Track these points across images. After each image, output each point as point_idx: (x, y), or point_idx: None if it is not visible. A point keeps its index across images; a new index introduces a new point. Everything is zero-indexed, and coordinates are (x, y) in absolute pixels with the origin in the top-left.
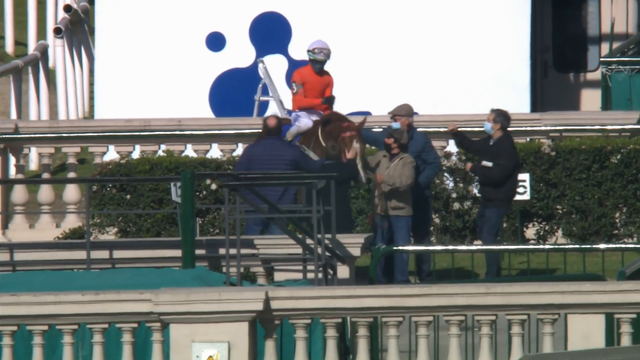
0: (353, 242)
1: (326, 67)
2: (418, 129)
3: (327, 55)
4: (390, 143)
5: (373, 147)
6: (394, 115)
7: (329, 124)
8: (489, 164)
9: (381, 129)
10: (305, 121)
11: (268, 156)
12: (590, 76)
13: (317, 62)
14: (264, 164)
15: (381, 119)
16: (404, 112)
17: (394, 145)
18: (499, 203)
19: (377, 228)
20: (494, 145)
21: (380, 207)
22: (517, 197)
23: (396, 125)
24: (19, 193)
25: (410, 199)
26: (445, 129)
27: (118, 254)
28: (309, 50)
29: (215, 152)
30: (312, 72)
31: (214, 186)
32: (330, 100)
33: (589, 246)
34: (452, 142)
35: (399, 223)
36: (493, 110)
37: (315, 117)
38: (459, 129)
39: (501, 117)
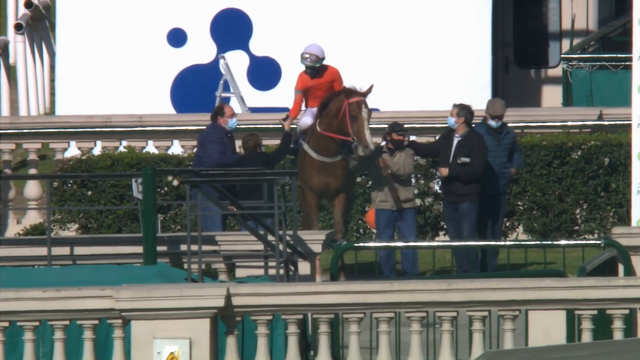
0: (314, 239)
1: (285, 65)
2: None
3: (314, 61)
4: (398, 139)
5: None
6: (488, 113)
7: (325, 109)
8: (467, 159)
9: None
10: (303, 120)
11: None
12: (551, 72)
13: (308, 68)
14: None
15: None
16: (495, 112)
17: (401, 138)
18: (473, 197)
19: (382, 225)
20: (464, 141)
21: (390, 203)
22: None
23: (492, 123)
24: None
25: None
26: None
27: (79, 250)
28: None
29: (176, 148)
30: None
31: (175, 182)
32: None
33: (549, 242)
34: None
35: (410, 215)
36: (456, 105)
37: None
38: (410, 140)
39: (464, 110)
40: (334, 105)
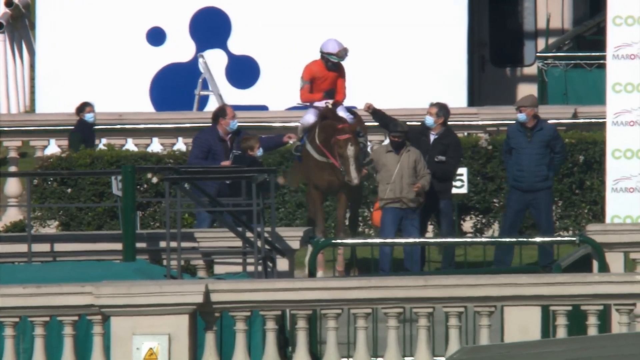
0: (292, 235)
1: (263, 63)
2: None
3: (342, 58)
4: (393, 140)
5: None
6: (520, 106)
7: (326, 119)
8: (443, 158)
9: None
10: (306, 117)
11: None
12: (527, 71)
13: (333, 62)
14: None
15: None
16: (529, 103)
17: (401, 139)
18: (449, 194)
19: (388, 223)
20: (441, 139)
21: (398, 202)
22: (455, 191)
23: (522, 116)
24: None
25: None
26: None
27: (59, 247)
28: (329, 53)
29: (155, 146)
30: (323, 68)
31: (154, 180)
32: (335, 103)
33: (525, 239)
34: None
35: (415, 214)
36: (434, 104)
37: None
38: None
39: (443, 110)
40: (329, 128)
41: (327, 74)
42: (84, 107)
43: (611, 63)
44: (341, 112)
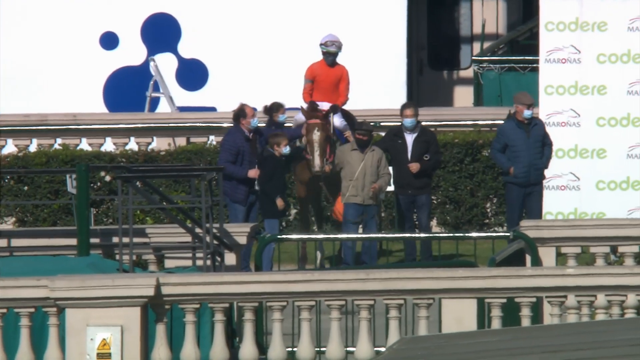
0: (240, 231)
1: (212, 65)
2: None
3: (339, 47)
4: (359, 138)
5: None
6: (524, 104)
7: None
8: (428, 156)
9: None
10: (298, 117)
11: None
12: (463, 74)
13: (330, 54)
14: None
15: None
16: (531, 100)
17: (366, 137)
18: (429, 189)
19: (350, 218)
20: (421, 137)
21: (360, 197)
22: (391, 189)
23: (529, 113)
24: None
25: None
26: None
27: (16, 242)
28: (321, 44)
29: (109, 145)
30: (323, 66)
31: (107, 178)
32: (334, 108)
33: (461, 235)
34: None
35: (374, 211)
36: (408, 106)
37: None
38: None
39: (417, 109)
40: (307, 118)
41: (328, 73)
42: (242, 112)
43: (543, 66)
44: (337, 118)
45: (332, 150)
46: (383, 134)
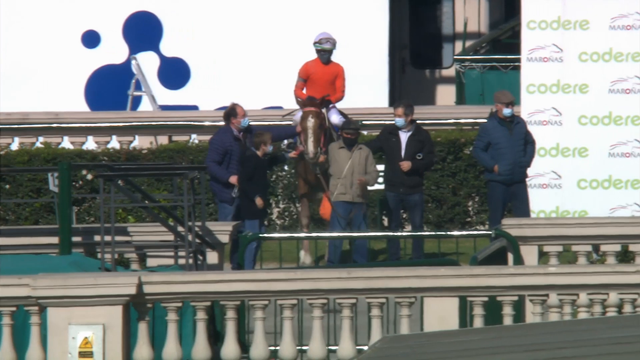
0: (222, 230)
1: (195, 63)
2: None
3: (334, 45)
4: (347, 137)
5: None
6: (504, 102)
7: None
8: (421, 155)
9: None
10: (298, 114)
11: None
12: (445, 73)
13: (325, 52)
14: None
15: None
16: (511, 98)
17: (354, 136)
18: (421, 188)
19: (338, 217)
20: (415, 136)
21: (349, 196)
22: (377, 187)
23: (509, 111)
24: None
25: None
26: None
27: None
28: (315, 43)
29: (90, 144)
30: (318, 65)
31: (89, 176)
32: (326, 102)
33: (444, 233)
34: None
35: (362, 209)
36: (400, 105)
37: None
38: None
39: (410, 108)
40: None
41: (323, 71)
42: (233, 111)
43: (525, 65)
44: (335, 115)
45: (327, 141)
46: (366, 132)
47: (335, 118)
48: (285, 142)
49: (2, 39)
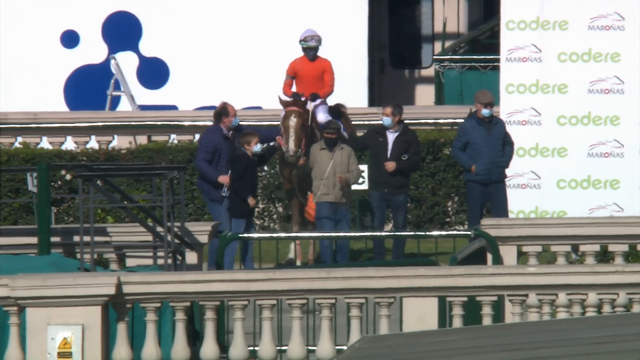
0: (201, 230)
1: (173, 61)
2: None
3: (319, 41)
4: (330, 135)
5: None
6: (483, 103)
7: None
8: (407, 155)
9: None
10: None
11: None
12: (425, 73)
13: (310, 49)
14: None
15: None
16: (491, 98)
17: (335, 136)
18: (407, 189)
19: (323, 216)
20: (402, 136)
21: (332, 196)
22: (356, 187)
23: (488, 112)
24: None
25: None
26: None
27: None
28: (301, 41)
29: (69, 144)
30: (305, 62)
31: (68, 177)
32: (314, 96)
33: (423, 233)
34: None
35: (344, 208)
36: (388, 105)
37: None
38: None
39: (398, 108)
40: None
41: (310, 68)
42: (225, 110)
43: (504, 65)
44: (321, 113)
45: (308, 143)
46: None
47: (321, 117)
48: (272, 143)
49: None
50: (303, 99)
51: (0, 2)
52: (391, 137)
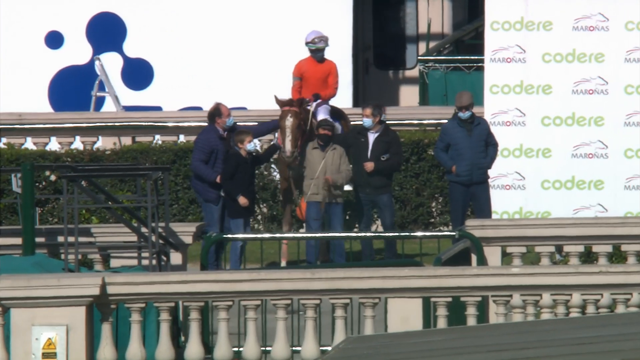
0: (185, 231)
1: (159, 64)
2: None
3: (326, 42)
4: (323, 133)
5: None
6: (462, 106)
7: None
8: (387, 156)
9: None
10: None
11: None
12: (409, 73)
13: (319, 50)
14: None
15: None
16: (470, 100)
17: (329, 132)
18: (390, 189)
19: (312, 217)
20: (382, 137)
21: (321, 196)
22: (345, 188)
23: (466, 114)
24: None
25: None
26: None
27: None
28: (308, 43)
29: (54, 144)
30: (312, 63)
31: (53, 177)
32: (316, 96)
33: (407, 234)
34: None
35: (337, 209)
36: (368, 105)
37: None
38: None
39: (378, 109)
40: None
41: (316, 69)
42: (218, 111)
43: (489, 66)
44: (322, 113)
45: (304, 143)
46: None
47: (321, 117)
48: (272, 142)
49: None
50: (308, 102)
51: None
52: (372, 137)
